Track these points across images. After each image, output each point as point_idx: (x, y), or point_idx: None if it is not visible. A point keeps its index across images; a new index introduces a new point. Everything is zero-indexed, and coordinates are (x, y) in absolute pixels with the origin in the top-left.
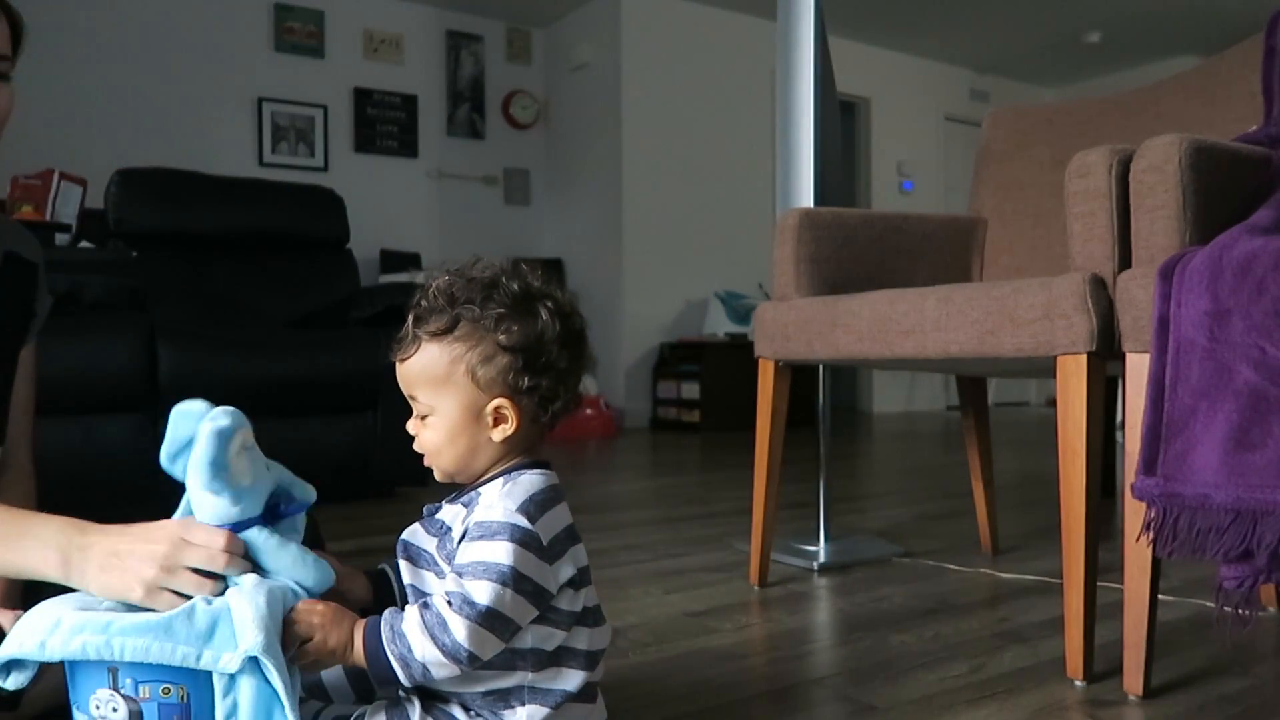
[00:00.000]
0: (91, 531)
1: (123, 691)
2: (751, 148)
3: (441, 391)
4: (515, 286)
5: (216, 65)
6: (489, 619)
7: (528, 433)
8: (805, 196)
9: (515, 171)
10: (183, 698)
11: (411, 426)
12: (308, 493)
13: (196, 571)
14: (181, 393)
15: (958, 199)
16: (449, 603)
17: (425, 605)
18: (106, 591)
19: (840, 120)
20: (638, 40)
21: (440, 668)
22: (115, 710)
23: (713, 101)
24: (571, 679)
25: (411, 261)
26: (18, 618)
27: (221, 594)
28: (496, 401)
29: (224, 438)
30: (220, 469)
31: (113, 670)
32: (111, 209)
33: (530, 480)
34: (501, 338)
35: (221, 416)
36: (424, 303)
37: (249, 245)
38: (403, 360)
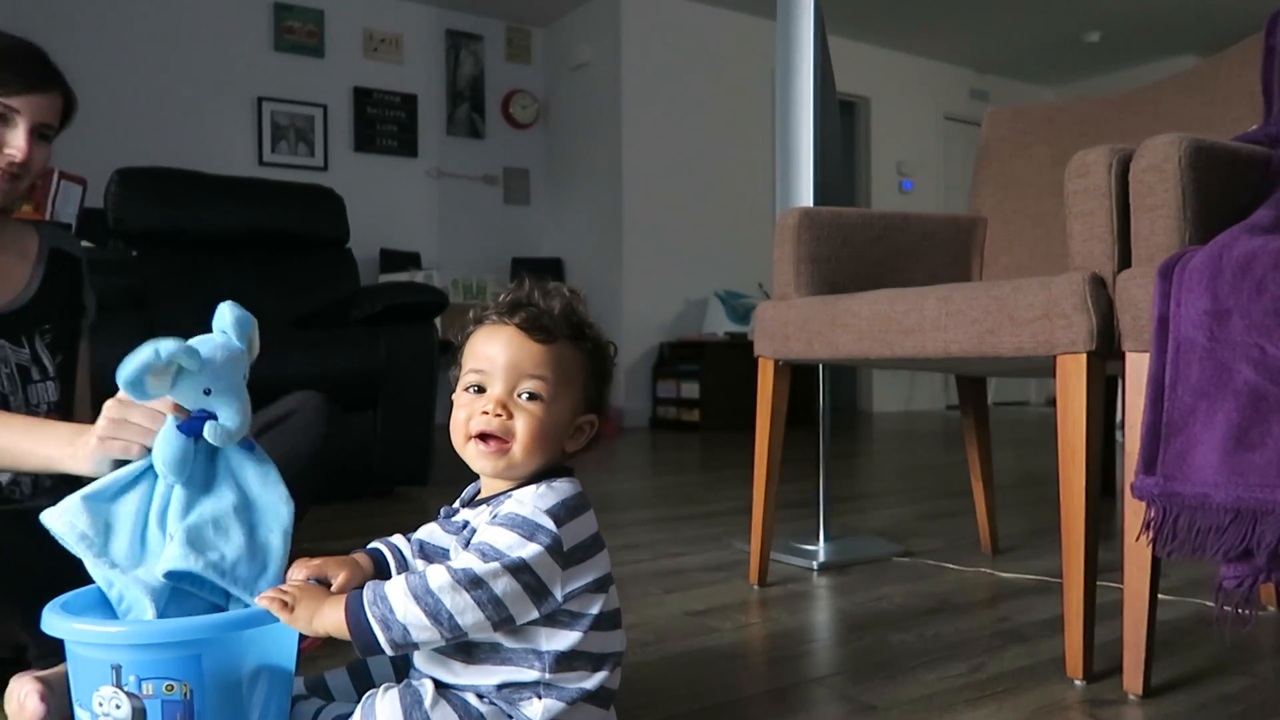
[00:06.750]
0: (84, 430)
1: (126, 688)
2: (751, 148)
3: (561, 390)
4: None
5: (216, 65)
6: (474, 585)
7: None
8: (805, 196)
9: (515, 171)
10: (186, 694)
11: (484, 408)
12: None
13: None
14: None
15: (958, 199)
16: (447, 568)
17: (411, 572)
18: (93, 459)
19: (840, 120)
20: (638, 40)
21: (421, 630)
22: (119, 707)
23: (713, 101)
24: (589, 679)
25: (411, 261)
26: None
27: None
28: (590, 416)
29: (146, 365)
30: (135, 385)
31: (116, 668)
32: (111, 209)
33: (563, 487)
34: (609, 365)
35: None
36: (555, 307)
37: (249, 245)
38: (543, 342)
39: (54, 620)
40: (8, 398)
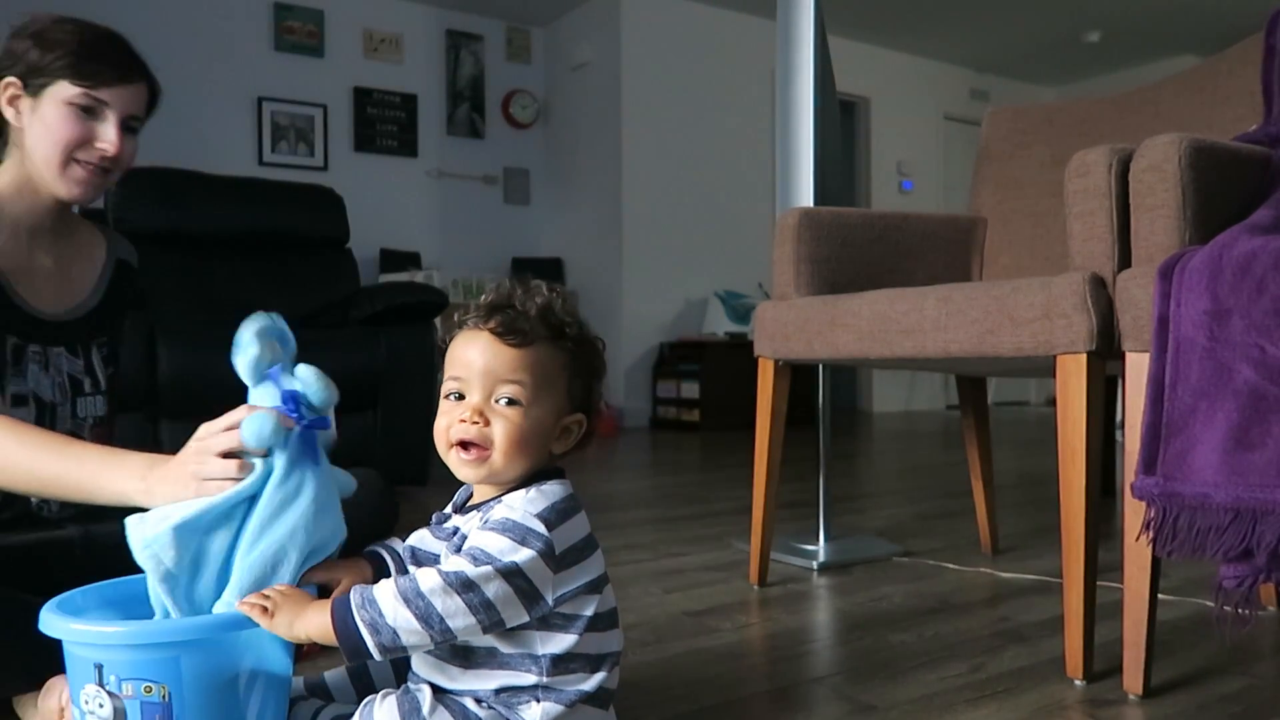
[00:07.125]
0: (159, 462)
1: (108, 688)
2: (751, 148)
3: (542, 392)
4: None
5: (216, 65)
6: (465, 588)
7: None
8: (805, 196)
9: (515, 171)
10: (164, 697)
11: (462, 416)
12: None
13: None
14: (181, 393)
15: (958, 199)
16: (438, 571)
17: (399, 576)
18: (175, 499)
19: (840, 120)
20: (638, 40)
21: (411, 634)
22: (102, 706)
23: (713, 101)
24: (587, 681)
25: (411, 261)
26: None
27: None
28: (578, 416)
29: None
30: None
31: (99, 667)
32: (111, 209)
33: (553, 489)
34: (598, 361)
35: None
36: (532, 309)
37: (249, 245)
38: (518, 346)
39: (46, 618)
40: (55, 407)
